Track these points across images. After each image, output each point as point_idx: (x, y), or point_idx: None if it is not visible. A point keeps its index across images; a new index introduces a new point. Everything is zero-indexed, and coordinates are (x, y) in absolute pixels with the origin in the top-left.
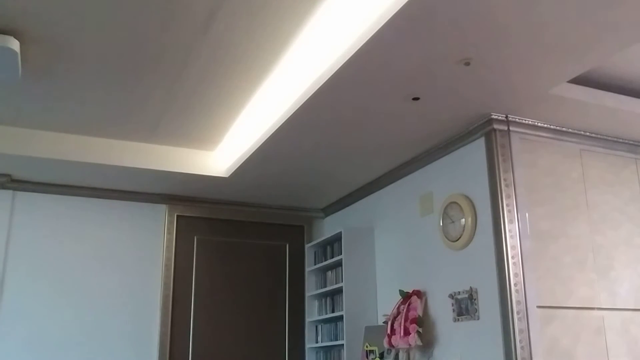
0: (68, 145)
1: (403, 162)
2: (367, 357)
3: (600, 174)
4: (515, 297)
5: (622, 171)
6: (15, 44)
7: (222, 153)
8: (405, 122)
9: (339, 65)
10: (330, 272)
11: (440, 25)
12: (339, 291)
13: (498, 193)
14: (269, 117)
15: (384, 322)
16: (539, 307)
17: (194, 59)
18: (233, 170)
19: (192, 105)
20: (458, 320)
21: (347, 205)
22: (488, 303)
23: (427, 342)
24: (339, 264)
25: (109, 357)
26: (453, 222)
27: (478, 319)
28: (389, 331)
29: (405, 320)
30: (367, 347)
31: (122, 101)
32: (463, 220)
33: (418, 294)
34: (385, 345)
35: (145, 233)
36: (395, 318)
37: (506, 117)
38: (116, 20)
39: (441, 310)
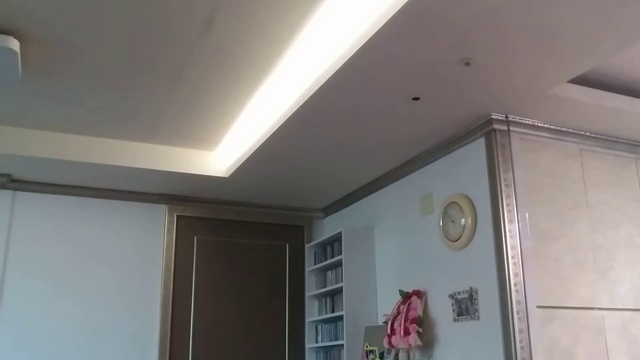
0: (68, 145)
1: (403, 162)
2: (367, 357)
3: (600, 174)
4: (515, 297)
5: (622, 171)
6: (15, 44)
7: (222, 153)
8: (405, 122)
9: (339, 66)
10: (330, 272)
11: (441, 25)
12: (339, 291)
13: (498, 193)
14: (269, 117)
15: (384, 322)
16: (539, 307)
17: (194, 59)
18: (233, 170)
19: (192, 105)
20: (458, 320)
21: (347, 205)
22: (488, 303)
23: (427, 342)
24: (339, 264)
25: (109, 357)
26: (453, 222)
27: (478, 319)
28: (389, 331)
29: (405, 320)
30: (367, 347)
31: (122, 101)
32: (463, 220)
33: (418, 294)
34: (385, 345)
35: (145, 233)
36: (395, 318)
37: (506, 117)
38: (116, 20)
39: (441, 310)
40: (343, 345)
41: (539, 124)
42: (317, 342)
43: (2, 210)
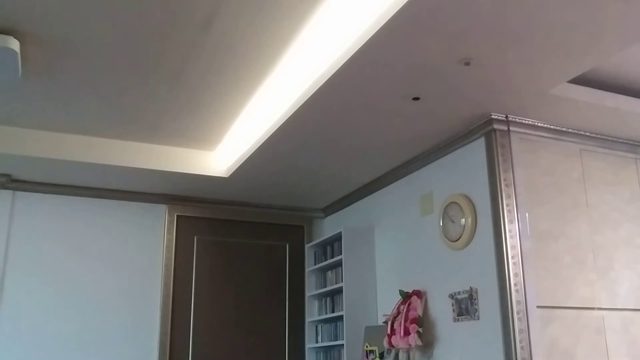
0: (68, 145)
1: (403, 162)
2: (367, 357)
3: (600, 174)
4: (515, 297)
5: (622, 171)
6: (15, 44)
7: (222, 153)
8: (405, 122)
9: (339, 65)
10: (330, 272)
11: (441, 25)
12: (339, 291)
13: (498, 193)
14: (269, 117)
15: (384, 322)
16: (539, 307)
17: (194, 59)
18: (233, 170)
19: (192, 105)
20: (458, 320)
21: (347, 205)
22: (488, 303)
23: (427, 342)
24: (339, 264)
25: (109, 357)
26: (453, 222)
27: (478, 319)
28: (389, 331)
29: (405, 320)
30: (367, 347)
31: (122, 101)
32: (463, 220)
33: (418, 294)
34: (385, 345)
35: (145, 233)
36: (395, 318)
37: (506, 117)
38: (116, 20)
39: (441, 310)
40: (343, 345)
41: (539, 124)
42: (317, 342)
43: (2, 210)
